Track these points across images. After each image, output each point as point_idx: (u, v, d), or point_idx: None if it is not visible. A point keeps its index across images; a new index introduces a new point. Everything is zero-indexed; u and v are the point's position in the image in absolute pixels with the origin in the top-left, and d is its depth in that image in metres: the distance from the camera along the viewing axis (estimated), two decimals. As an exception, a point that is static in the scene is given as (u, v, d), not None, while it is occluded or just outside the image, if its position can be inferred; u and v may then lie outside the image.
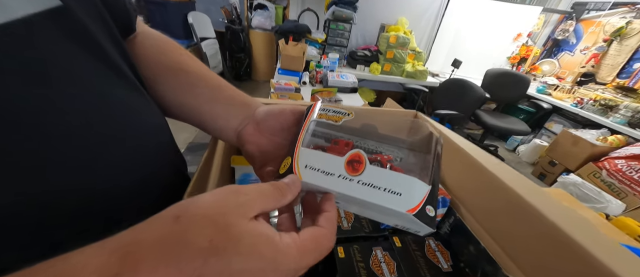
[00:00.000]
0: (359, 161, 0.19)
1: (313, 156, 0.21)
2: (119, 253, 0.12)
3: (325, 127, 0.23)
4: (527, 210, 0.29)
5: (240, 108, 0.29)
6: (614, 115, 1.91)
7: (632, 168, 1.62)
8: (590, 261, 0.23)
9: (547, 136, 2.45)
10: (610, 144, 1.82)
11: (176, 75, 0.28)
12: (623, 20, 2.19)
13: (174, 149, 0.31)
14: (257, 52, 3.06)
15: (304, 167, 0.20)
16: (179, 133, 1.93)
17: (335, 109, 0.24)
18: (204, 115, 0.29)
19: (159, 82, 0.28)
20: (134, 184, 0.21)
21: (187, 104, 0.29)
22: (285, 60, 1.68)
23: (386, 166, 0.19)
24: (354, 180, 0.19)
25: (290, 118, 0.26)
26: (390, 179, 0.18)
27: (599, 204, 1.41)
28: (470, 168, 0.38)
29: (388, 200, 0.18)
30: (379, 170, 0.19)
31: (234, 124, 0.28)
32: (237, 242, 0.13)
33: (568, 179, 1.51)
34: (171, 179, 0.28)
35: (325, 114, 0.24)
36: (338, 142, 0.21)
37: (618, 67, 2.23)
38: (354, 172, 0.19)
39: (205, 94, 0.29)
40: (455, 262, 0.38)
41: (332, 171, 0.19)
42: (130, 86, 0.23)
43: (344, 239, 0.39)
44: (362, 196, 0.18)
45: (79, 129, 0.17)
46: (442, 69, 2.78)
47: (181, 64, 0.29)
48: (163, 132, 0.27)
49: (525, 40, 2.77)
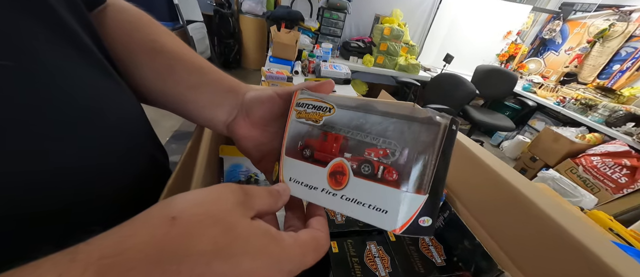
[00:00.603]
0: (342, 173, 0.18)
1: (296, 167, 0.20)
2: (97, 266, 0.10)
3: (306, 130, 0.20)
4: (526, 206, 0.28)
5: (227, 96, 0.26)
6: (593, 115, 2.00)
7: (606, 165, 1.71)
8: (590, 257, 0.23)
9: (529, 133, 2.54)
10: (587, 142, 1.91)
11: (152, 57, 0.25)
12: (607, 22, 2.27)
13: (151, 137, 0.28)
14: (248, 38, 2.95)
15: (289, 180, 0.19)
16: (164, 120, 1.85)
17: (316, 103, 0.20)
18: (188, 105, 0.26)
19: (134, 64, 0.24)
20: (92, 175, 0.18)
21: (167, 91, 0.26)
22: (277, 48, 1.62)
23: (377, 170, 0.17)
24: (338, 194, 0.18)
25: (282, 105, 0.24)
26: (376, 194, 0.16)
27: (574, 198, 1.49)
28: (469, 163, 0.37)
29: (373, 217, 0.16)
30: (363, 183, 0.17)
31: (221, 115, 0.25)
32: (245, 242, 0.13)
33: (547, 174, 1.58)
34: (147, 170, 0.25)
35: (304, 112, 0.21)
36: (327, 136, 0.19)
37: (599, 68, 2.32)
38: (337, 186, 0.18)
39: (186, 79, 0.25)
40: (449, 257, 0.38)
41: (315, 184, 0.19)
42: (95, 66, 0.19)
43: (337, 234, 0.38)
44: (346, 212, 0.17)
45: (26, 113, 0.14)
46: (434, 64, 2.80)
47: (157, 42, 0.25)
48: (135, 120, 0.24)
49: (515, 38, 2.82)
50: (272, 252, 0.13)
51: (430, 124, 0.16)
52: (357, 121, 0.18)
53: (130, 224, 0.12)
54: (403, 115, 0.17)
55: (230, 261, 0.12)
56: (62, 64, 0.17)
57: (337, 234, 0.38)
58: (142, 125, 0.25)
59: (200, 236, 0.12)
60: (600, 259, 0.22)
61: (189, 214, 0.12)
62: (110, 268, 0.10)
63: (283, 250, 0.14)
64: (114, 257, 0.10)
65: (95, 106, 0.19)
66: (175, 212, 0.12)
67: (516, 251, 0.31)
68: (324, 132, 0.19)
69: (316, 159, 0.19)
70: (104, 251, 0.10)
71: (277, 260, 0.13)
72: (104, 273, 0.10)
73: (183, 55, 0.26)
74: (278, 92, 0.24)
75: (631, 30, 2.12)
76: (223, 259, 0.12)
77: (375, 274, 0.33)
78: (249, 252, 0.13)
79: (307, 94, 0.21)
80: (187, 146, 0.31)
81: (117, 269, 0.10)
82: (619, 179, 1.65)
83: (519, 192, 0.29)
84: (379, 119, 0.18)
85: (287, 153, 0.21)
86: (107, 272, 0.10)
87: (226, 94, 0.26)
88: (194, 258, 0.11)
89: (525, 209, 0.28)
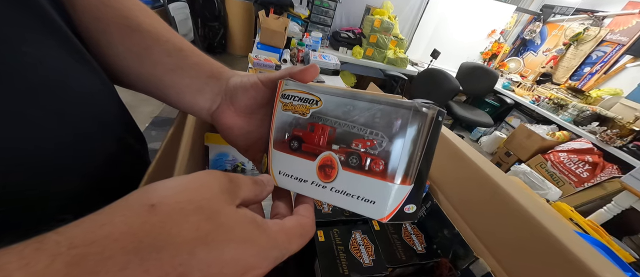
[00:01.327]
0: (331, 166, 0.18)
1: (285, 161, 0.20)
2: (67, 256, 0.09)
3: (293, 123, 0.20)
4: (503, 198, 0.30)
5: (209, 81, 0.24)
6: (563, 114, 2.14)
7: (571, 160, 1.85)
8: (555, 244, 0.25)
9: (506, 129, 2.68)
10: (557, 139, 2.05)
11: (125, 35, 0.23)
12: (582, 26, 2.40)
13: (124, 121, 0.26)
14: (234, 22, 2.83)
15: (278, 173, 0.20)
16: (142, 106, 1.76)
17: (302, 95, 0.20)
18: (167, 89, 0.24)
19: (106, 43, 0.22)
20: (48, 154, 0.17)
21: (143, 72, 0.24)
22: (265, 34, 1.57)
23: (364, 161, 0.17)
24: (327, 187, 0.18)
25: (266, 92, 0.23)
26: (364, 185, 0.17)
27: (541, 190, 1.61)
28: (452, 156, 0.39)
29: (361, 208, 0.17)
30: (352, 176, 0.17)
31: (204, 102, 0.24)
32: (230, 230, 0.12)
33: (519, 168, 1.69)
34: (116, 156, 0.24)
35: (290, 105, 0.20)
36: (314, 126, 0.19)
37: (572, 69, 2.47)
38: (327, 179, 0.18)
39: (165, 61, 0.23)
40: (429, 245, 0.39)
41: (304, 177, 0.19)
42: (60, 40, 0.18)
43: (324, 223, 0.38)
44: (336, 203, 0.18)
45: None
46: (422, 59, 2.84)
47: (130, 19, 0.23)
48: (103, 99, 0.22)
49: (498, 37, 2.91)
50: (257, 240, 0.13)
51: (416, 114, 0.16)
52: (344, 108, 0.18)
53: (106, 211, 0.11)
54: (390, 102, 0.17)
55: (214, 249, 0.11)
56: (23, 34, 0.15)
57: (323, 223, 0.38)
58: (113, 106, 0.24)
59: (182, 223, 0.11)
60: (564, 246, 0.24)
61: (170, 202, 0.12)
62: (82, 258, 0.09)
63: (268, 237, 0.14)
64: (86, 246, 0.09)
65: (57, 79, 0.17)
66: (155, 199, 0.11)
67: (491, 239, 0.33)
68: (311, 122, 0.19)
69: (304, 150, 0.19)
70: (74, 240, 0.09)
71: (263, 247, 0.13)
72: (75, 264, 0.09)
73: (161, 35, 0.24)
74: (262, 79, 0.22)
75: (602, 35, 2.26)
76: (207, 247, 0.11)
77: (360, 261, 0.34)
78: (234, 240, 0.12)
79: (293, 84, 0.20)
80: (169, 132, 0.29)
81: (91, 260, 0.09)
82: (581, 174, 1.80)
83: (497, 186, 0.31)
84: (367, 105, 0.18)
85: (275, 146, 0.21)
86: (79, 262, 0.09)
87: (208, 79, 0.24)
88: (175, 246, 0.11)
89: (502, 201, 0.30)
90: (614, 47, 2.19)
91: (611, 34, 2.21)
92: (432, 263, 0.38)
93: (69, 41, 0.19)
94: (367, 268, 0.33)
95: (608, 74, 2.22)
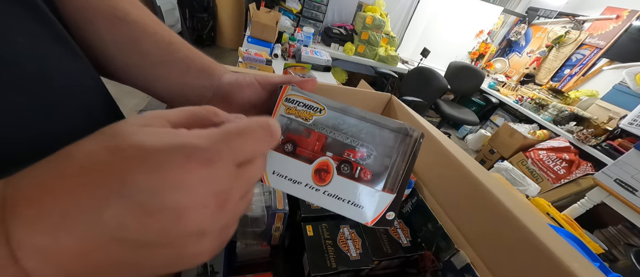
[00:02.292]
0: (327, 171, 0.19)
1: (281, 162, 0.20)
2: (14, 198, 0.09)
3: (293, 126, 0.21)
4: (484, 194, 0.32)
5: (200, 76, 0.24)
6: (544, 113, 2.23)
7: (549, 158, 1.95)
8: (529, 237, 0.26)
9: (491, 128, 2.78)
10: (537, 138, 2.14)
11: (112, 25, 0.22)
12: (564, 29, 2.50)
13: (111, 113, 0.25)
14: (224, 14, 2.75)
15: (272, 173, 0.20)
16: (127, 99, 1.69)
17: (307, 101, 0.21)
18: (155, 82, 0.24)
19: (93, 33, 0.22)
20: (31, 145, 0.16)
21: (131, 64, 0.23)
22: (256, 28, 1.54)
23: (355, 171, 0.19)
24: (321, 190, 0.19)
25: (262, 93, 0.23)
26: (355, 192, 0.19)
27: (522, 186, 1.69)
28: (438, 154, 0.40)
29: (350, 212, 0.19)
30: (345, 182, 0.19)
31: (193, 97, 0.24)
32: None
33: (502, 165, 1.76)
34: None
35: (294, 109, 0.21)
36: (311, 133, 0.20)
37: (553, 71, 2.57)
38: (321, 183, 0.19)
39: (153, 53, 0.23)
40: (414, 238, 0.41)
41: (299, 179, 0.19)
42: (45, 28, 0.17)
43: (312, 218, 0.39)
44: (327, 206, 0.19)
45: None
46: (412, 57, 2.88)
47: (118, 10, 0.22)
48: (90, 90, 0.22)
49: (486, 37, 2.99)
50: None
51: (405, 136, 0.19)
52: (339, 119, 0.20)
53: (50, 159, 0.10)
54: (379, 122, 0.20)
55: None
56: (11, 23, 0.15)
57: (312, 218, 0.39)
58: (100, 97, 0.23)
59: None
60: (537, 238, 0.26)
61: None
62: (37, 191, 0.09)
63: None
64: (37, 187, 0.10)
65: (41, 68, 0.16)
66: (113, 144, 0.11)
67: (471, 232, 0.34)
68: (307, 129, 0.20)
69: (298, 154, 0.20)
70: (18, 183, 0.10)
71: None
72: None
73: (150, 26, 0.23)
74: (259, 79, 0.23)
75: (582, 39, 2.36)
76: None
77: (348, 255, 0.35)
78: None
79: (297, 91, 0.21)
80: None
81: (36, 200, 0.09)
82: (558, 171, 1.89)
83: (479, 182, 0.32)
84: (358, 121, 0.20)
85: None
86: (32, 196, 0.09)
87: (199, 73, 0.24)
88: None
89: (483, 196, 0.32)
90: (592, 50, 2.29)
91: (590, 38, 2.32)
92: (416, 256, 0.39)
93: (57, 30, 0.18)
94: (354, 261, 0.34)
95: (586, 76, 2.33)
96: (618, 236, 1.36)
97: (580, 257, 0.25)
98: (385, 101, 0.55)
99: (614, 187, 1.33)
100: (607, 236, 1.39)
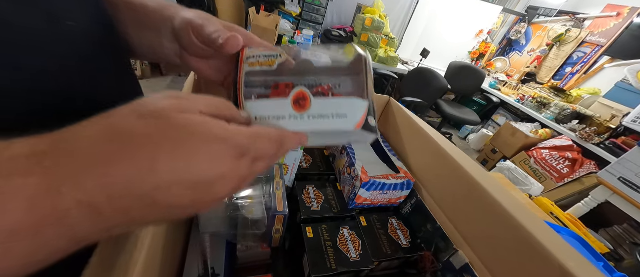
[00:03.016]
0: (304, 98, 0.21)
1: (259, 106, 0.21)
2: (50, 140, 0.11)
3: (261, 75, 0.22)
4: (481, 194, 0.32)
5: (165, 24, 0.25)
6: (546, 112, 2.22)
7: (552, 157, 1.93)
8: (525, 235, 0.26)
9: (492, 127, 2.76)
10: (540, 136, 2.13)
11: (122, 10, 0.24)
12: (564, 27, 2.49)
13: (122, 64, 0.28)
14: (223, 18, 2.73)
15: (255, 120, 0.20)
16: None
17: (265, 53, 0.23)
18: (139, 49, 0.26)
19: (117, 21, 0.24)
20: None
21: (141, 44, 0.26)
22: (256, 32, 1.56)
23: (328, 95, 0.21)
24: (304, 116, 0.20)
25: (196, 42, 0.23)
26: (335, 105, 0.21)
27: (525, 186, 1.67)
28: (436, 155, 0.40)
29: (337, 123, 0.20)
30: (324, 100, 0.21)
31: (170, 47, 0.25)
32: None
33: (504, 165, 1.75)
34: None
35: (257, 62, 0.23)
36: (278, 85, 0.21)
37: (554, 69, 2.56)
38: (302, 109, 0.20)
39: (128, 16, 0.25)
40: (413, 239, 0.41)
41: (281, 114, 0.20)
42: None
43: (312, 220, 0.39)
44: (314, 127, 0.20)
45: None
46: (412, 58, 2.88)
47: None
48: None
49: (486, 37, 2.99)
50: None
51: (357, 59, 0.22)
52: (301, 66, 0.22)
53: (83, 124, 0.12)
54: (336, 60, 0.23)
55: None
56: None
57: (312, 220, 0.39)
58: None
59: None
60: (534, 238, 0.26)
61: None
62: (62, 144, 0.11)
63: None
64: (65, 141, 0.11)
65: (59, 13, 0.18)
66: None
67: (469, 232, 0.34)
68: (274, 83, 0.21)
69: (273, 96, 0.21)
70: (57, 135, 0.11)
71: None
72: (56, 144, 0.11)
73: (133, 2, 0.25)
74: (193, 27, 0.23)
75: (583, 37, 2.35)
76: None
77: (347, 256, 0.35)
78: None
79: (253, 49, 0.23)
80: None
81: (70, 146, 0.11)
82: (562, 170, 1.88)
83: (476, 182, 0.33)
84: (314, 78, 0.22)
85: (246, 101, 0.22)
86: (59, 144, 0.11)
87: (163, 22, 0.25)
88: None
89: (480, 197, 0.32)
90: (593, 48, 2.28)
91: (591, 36, 2.31)
92: (416, 257, 0.40)
93: None
94: (354, 262, 0.34)
95: (588, 74, 2.32)
96: (624, 235, 1.35)
97: (577, 255, 0.25)
98: (384, 104, 0.55)
99: (618, 186, 1.31)
100: (612, 235, 1.37)
